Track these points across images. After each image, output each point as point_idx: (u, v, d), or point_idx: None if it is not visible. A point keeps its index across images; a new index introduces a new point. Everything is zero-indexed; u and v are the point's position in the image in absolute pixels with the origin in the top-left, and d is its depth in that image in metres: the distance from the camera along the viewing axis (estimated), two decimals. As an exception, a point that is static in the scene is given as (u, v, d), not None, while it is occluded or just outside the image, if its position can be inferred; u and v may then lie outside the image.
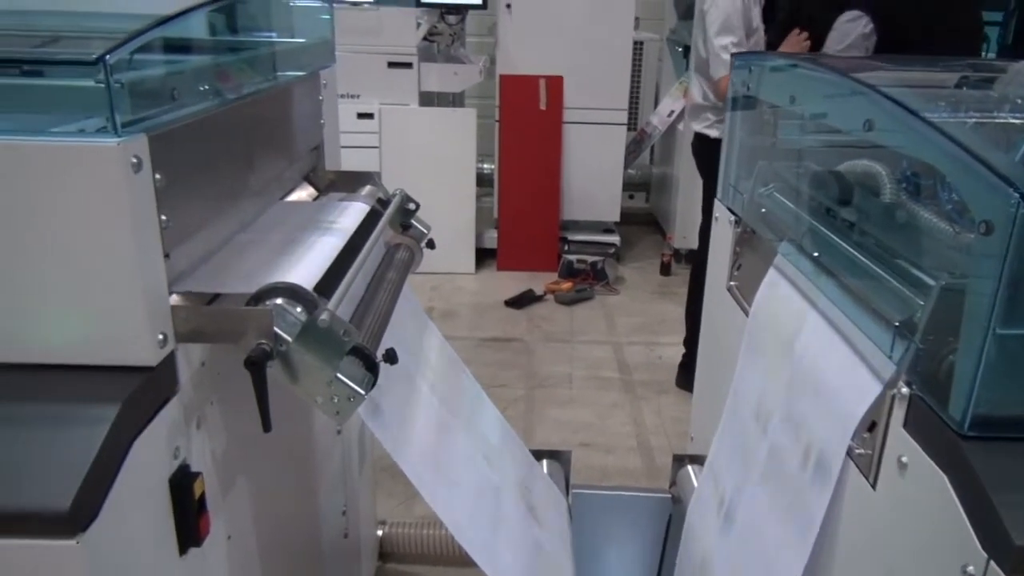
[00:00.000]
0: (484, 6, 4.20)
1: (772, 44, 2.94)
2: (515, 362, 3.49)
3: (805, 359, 1.18)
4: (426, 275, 4.24)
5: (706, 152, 2.99)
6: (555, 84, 4.33)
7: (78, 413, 0.81)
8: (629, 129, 4.69)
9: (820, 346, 1.15)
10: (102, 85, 0.80)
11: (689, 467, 1.74)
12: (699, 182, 3.19)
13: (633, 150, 4.90)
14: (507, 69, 4.32)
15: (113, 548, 0.80)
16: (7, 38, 1.27)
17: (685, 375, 3.17)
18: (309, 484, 1.51)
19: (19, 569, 0.76)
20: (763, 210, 1.53)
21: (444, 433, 1.33)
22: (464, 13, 4.38)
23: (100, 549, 0.77)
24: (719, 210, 1.76)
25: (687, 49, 4.50)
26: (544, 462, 1.81)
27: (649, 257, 4.83)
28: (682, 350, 3.27)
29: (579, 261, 4.42)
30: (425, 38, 4.32)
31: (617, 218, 4.68)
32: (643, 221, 5.37)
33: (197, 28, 1.30)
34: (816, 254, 1.23)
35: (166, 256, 0.90)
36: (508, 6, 4.22)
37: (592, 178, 4.54)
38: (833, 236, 1.22)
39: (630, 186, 5.17)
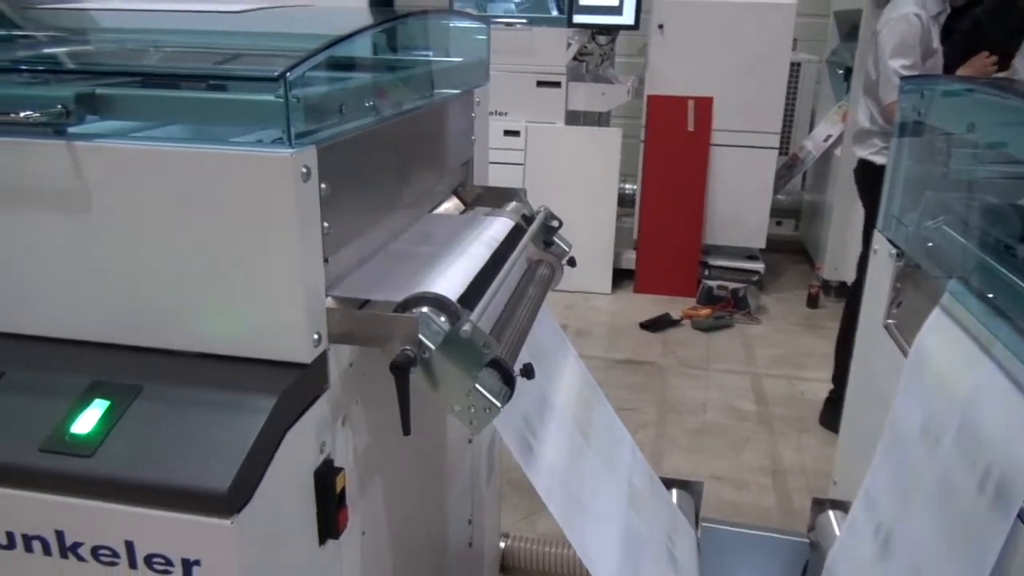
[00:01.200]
0: (636, 26, 4.19)
1: (948, 67, 2.75)
2: (647, 386, 3.43)
3: (978, 410, 1.08)
4: (562, 293, 4.25)
5: (870, 180, 2.83)
6: (704, 105, 4.24)
7: (239, 402, 0.87)
8: (781, 153, 4.52)
9: (996, 399, 1.05)
10: (281, 100, 0.86)
11: (831, 512, 1.64)
12: (855, 211, 3.03)
13: (784, 175, 4.71)
14: (656, 89, 4.29)
15: (261, 532, 0.85)
16: (194, 55, 1.40)
17: (830, 414, 2.99)
18: (439, 490, 1.55)
19: (174, 541, 0.82)
20: (929, 244, 1.42)
21: (575, 452, 1.33)
22: (615, 34, 4.39)
23: (250, 531, 0.82)
24: (879, 242, 1.65)
25: (849, 71, 4.29)
26: (674, 491, 1.76)
27: (795, 288, 4.62)
28: (827, 386, 3.09)
29: (720, 287, 4.29)
30: (575, 58, 4.36)
31: (762, 245, 4.51)
32: (790, 249, 5.14)
33: (364, 47, 1.38)
34: (991, 295, 1.13)
35: (325, 261, 0.96)
36: (660, 27, 4.19)
37: (738, 202, 4.40)
38: (1012, 276, 1.11)
39: (778, 212, 4.97)
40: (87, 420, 0.84)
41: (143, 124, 0.99)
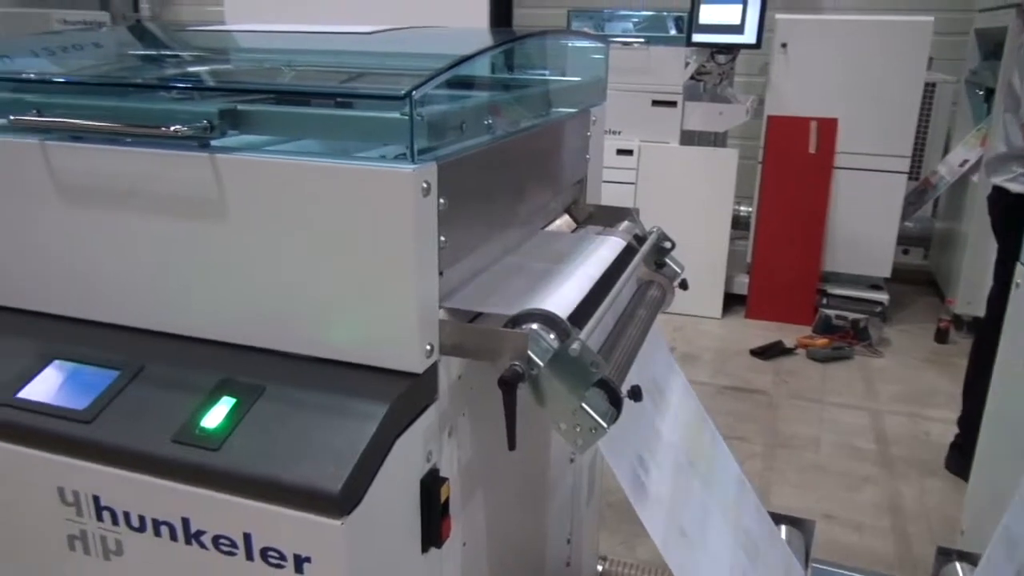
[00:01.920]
0: (758, 45, 4.09)
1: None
2: (756, 415, 3.30)
3: None
4: (670, 315, 4.17)
5: (1005, 209, 2.64)
6: (828, 127, 4.08)
7: (354, 407, 0.90)
8: (911, 178, 4.28)
9: None
10: (405, 118, 0.89)
11: (957, 564, 1.52)
12: (993, 242, 2.82)
13: (914, 201, 4.46)
14: (776, 110, 4.16)
15: (369, 534, 0.88)
16: (326, 74, 1.47)
17: (958, 458, 2.79)
18: (539, 507, 1.55)
19: (288, 536, 0.86)
20: (1080, 280, 1.31)
21: (680, 478, 1.30)
22: (736, 52, 4.30)
23: (359, 533, 0.85)
24: (1021, 275, 1.54)
25: (990, 92, 4.02)
26: (783, 527, 1.69)
27: (922, 320, 4.35)
28: (955, 428, 2.89)
29: (838, 317, 4.09)
30: (692, 77, 4.30)
31: (887, 274, 4.28)
32: (918, 280, 4.85)
33: (484, 67, 1.41)
34: None
35: (440, 274, 0.98)
36: (784, 45, 4.07)
37: (862, 229, 4.19)
38: None
39: (906, 240, 4.70)
40: (215, 415, 0.90)
41: (276, 138, 1.05)
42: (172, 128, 0.94)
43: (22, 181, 1.04)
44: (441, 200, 0.95)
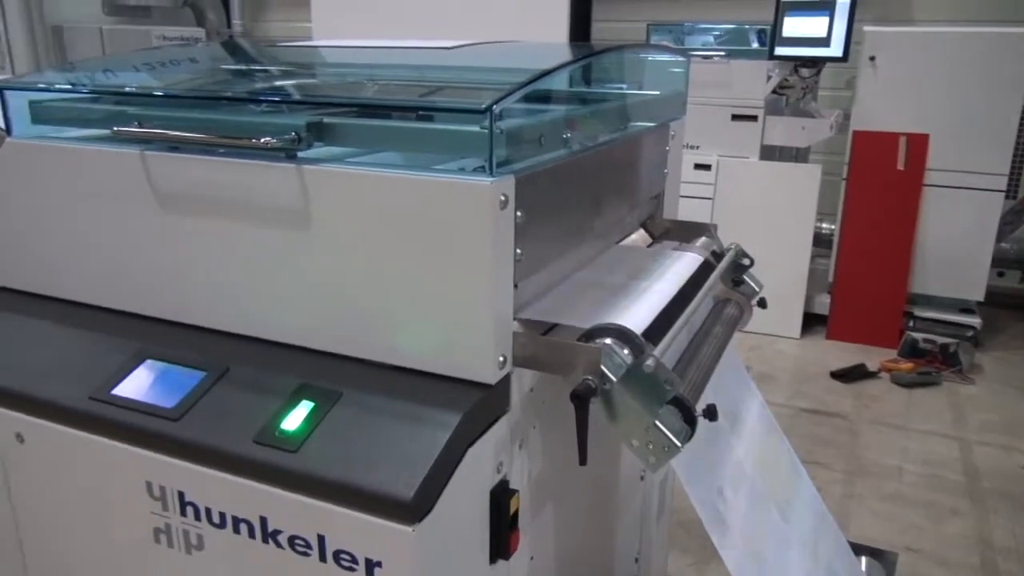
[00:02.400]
0: (844, 59, 3.97)
1: None
2: (835, 440, 3.19)
3: None
4: (746, 333, 4.07)
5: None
6: (918, 142, 3.93)
7: (427, 415, 0.91)
8: (1008, 197, 4.07)
9: None
10: (485, 131, 0.91)
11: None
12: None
13: (1011, 221, 4.24)
14: (863, 125, 4.03)
15: (439, 542, 0.88)
16: (408, 88, 1.50)
17: (1055, 494, 2.62)
18: (608, 524, 1.53)
19: (360, 540, 0.87)
20: None
21: (755, 502, 1.26)
22: (820, 66, 4.18)
23: (429, 540, 0.86)
24: None
25: (1098, 107, 3.79)
26: (863, 559, 1.62)
27: (1018, 347, 4.12)
28: (1054, 463, 2.72)
29: (926, 341, 3.91)
30: (774, 91, 4.21)
31: (980, 297, 4.07)
32: (1015, 304, 4.60)
33: (563, 81, 1.42)
34: None
35: (515, 286, 0.99)
36: (872, 59, 3.95)
37: (953, 249, 4.01)
38: None
39: (1001, 262, 4.46)
40: (295, 418, 0.92)
41: (358, 150, 1.08)
42: (262, 140, 0.98)
43: (123, 188, 1.10)
44: (518, 213, 0.95)
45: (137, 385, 1.03)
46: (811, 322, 4.32)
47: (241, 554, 0.95)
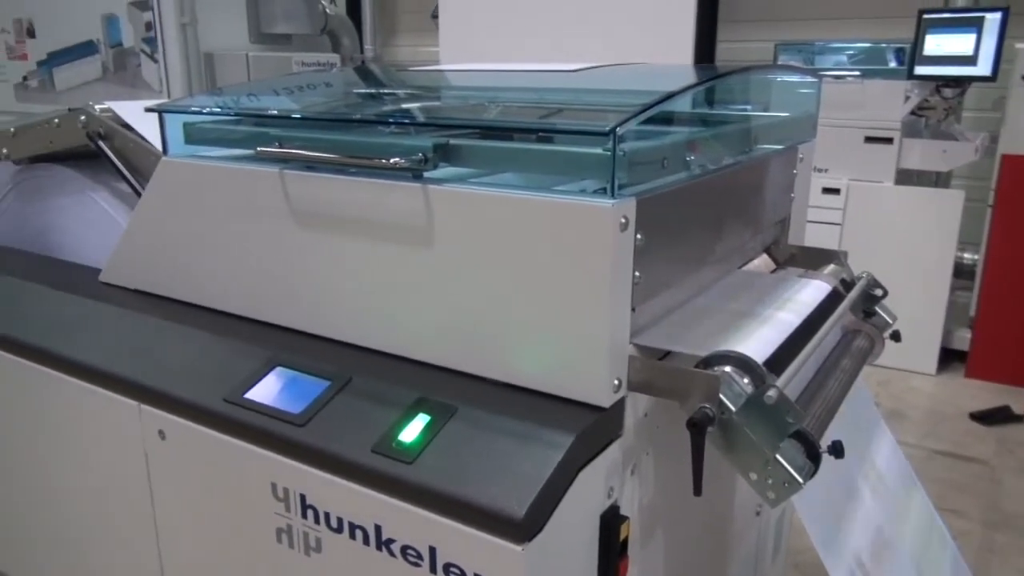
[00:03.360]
0: (993, 78, 3.71)
1: None
2: (973, 488, 2.95)
3: None
4: (875, 367, 3.85)
5: None
6: (1077, 168, 3.61)
7: (540, 435, 0.91)
8: None
9: None
10: (608, 153, 0.91)
11: None
12: None
13: None
14: (1014, 148, 3.74)
15: (547, 564, 0.88)
16: (532, 110, 1.52)
17: None
18: (720, 559, 1.48)
19: (470, 555, 0.88)
20: None
21: (884, 549, 1.18)
22: (966, 86, 3.93)
23: (538, 560, 0.86)
24: None
25: None
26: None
27: None
28: None
29: (1083, 384, 3.57)
30: (913, 112, 3.99)
31: None
32: None
33: (687, 104, 1.40)
34: None
35: (633, 309, 0.97)
36: (1024, 78, 3.67)
37: (1117, 285, 3.65)
38: None
39: None
40: (412, 430, 0.95)
41: (481, 171, 1.11)
42: (391, 160, 1.02)
43: (262, 205, 1.17)
44: (638, 235, 0.94)
45: (267, 390, 1.08)
46: (948, 358, 4.03)
47: (356, 560, 0.98)
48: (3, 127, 1.71)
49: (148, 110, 1.34)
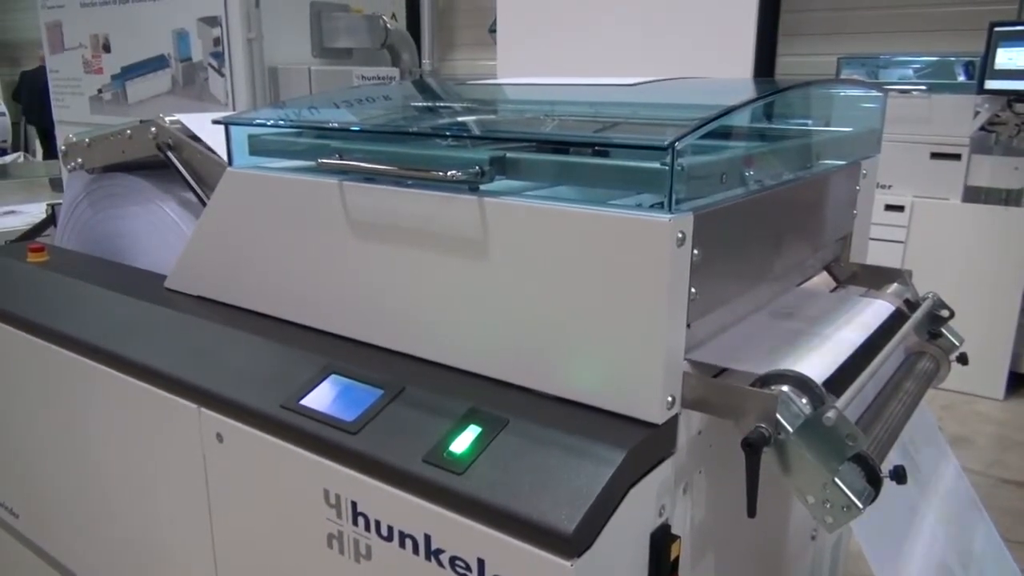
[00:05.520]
0: (1068, 93, 3.58)
1: None
2: (1045, 520, 2.82)
3: None
4: (938, 390, 3.72)
5: None
6: None
7: (591, 450, 0.90)
8: None
9: None
10: (666, 167, 0.90)
11: None
12: None
13: None
14: (1090, 166, 3.59)
15: (596, 581, 0.87)
16: (588, 124, 1.52)
17: None
18: (774, 583, 1.44)
19: (518, 569, 0.88)
20: None
21: (947, 580, 1.14)
22: (1039, 101, 3.79)
23: (587, 577, 0.85)
24: None
25: None
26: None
27: None
28: None
29: None
30: (982, 127, 3.86)
31: None
32: None
33: (747, 118, 1.38)
34: None
35: (688, 325, 0.96)
36: (1104, 92, 3.52)
37: None
38: None
39: None
40: (462, 441, 0.95)
41: (537, 184, 1.11)
42: (448, 173, 1.03)
43: (322, 215, 1.20)
44: (695, 251, 0.93)
45: (321, 397, 1.10)
46: (1018, 383, 3.87)
47: (405, 568, 0.98)
48: (78, 138, 1.78)
49: (215, 122, 1.39)
